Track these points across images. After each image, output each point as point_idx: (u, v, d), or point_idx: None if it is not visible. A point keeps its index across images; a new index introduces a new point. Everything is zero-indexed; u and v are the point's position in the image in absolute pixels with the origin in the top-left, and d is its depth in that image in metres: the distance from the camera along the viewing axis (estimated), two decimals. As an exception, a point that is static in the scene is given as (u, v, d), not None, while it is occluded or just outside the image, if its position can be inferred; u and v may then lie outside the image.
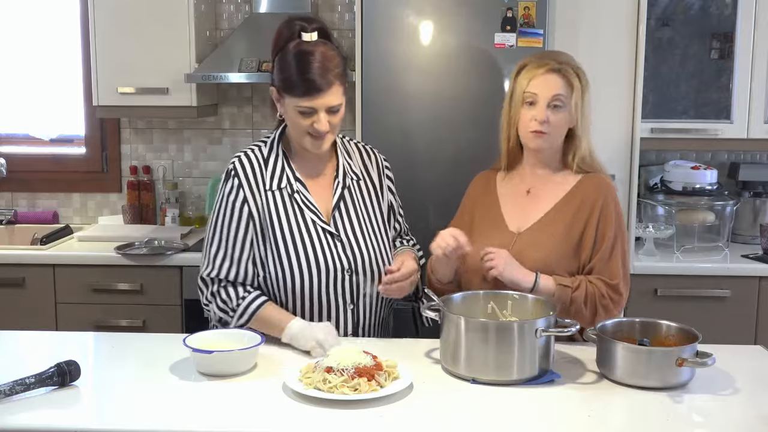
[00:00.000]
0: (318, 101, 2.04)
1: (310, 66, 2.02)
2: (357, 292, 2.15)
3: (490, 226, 2.24)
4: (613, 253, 2.12)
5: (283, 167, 2.16)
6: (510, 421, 1.68)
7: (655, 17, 3.42)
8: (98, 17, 3.42)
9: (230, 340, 1.94)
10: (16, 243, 3.66)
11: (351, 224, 2.17)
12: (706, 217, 3.38)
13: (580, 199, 2.15)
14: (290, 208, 2.13)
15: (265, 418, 1.68)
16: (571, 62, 2.18)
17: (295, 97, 2.05)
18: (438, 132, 3.08)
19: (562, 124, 2.14)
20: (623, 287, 2.13)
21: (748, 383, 1.86)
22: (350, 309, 2.15)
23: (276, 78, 2.09)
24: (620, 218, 2.17)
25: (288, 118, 2.12)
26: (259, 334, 1.97)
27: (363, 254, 2.15)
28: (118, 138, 3.87)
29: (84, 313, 3.28)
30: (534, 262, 2.11)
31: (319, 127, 2.06)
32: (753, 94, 3.35)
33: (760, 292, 3.18)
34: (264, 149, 2.19)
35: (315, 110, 2.05)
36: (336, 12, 3.74)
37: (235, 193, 2.13)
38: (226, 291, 2.12)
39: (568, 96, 2.13)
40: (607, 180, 2.21)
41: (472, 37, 3.02)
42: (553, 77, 2.13)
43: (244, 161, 2.16)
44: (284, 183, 2.15)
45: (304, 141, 2.12)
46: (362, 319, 2.18)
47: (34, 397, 1.73)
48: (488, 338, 1.82)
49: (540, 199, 2.20)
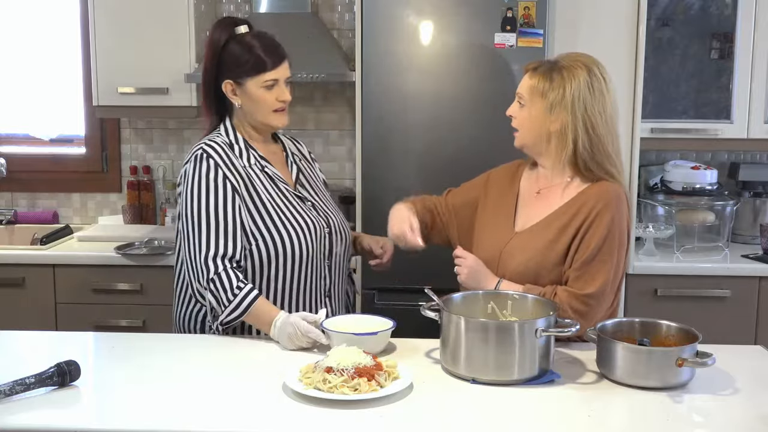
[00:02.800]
0: (281, 71, 2.23)
1: (268, 40, 2.25)
2: (331, 250, 2.31)
3: (499, 219, 2.24)
4: (594, 263, 2.05)
5: (248, 148, 2.27)
6: (510, 421, 1.68)
7: (655, 17, 3.42)
8: (98, 17, 3.42)
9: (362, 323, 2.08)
10: (16, 243, 3.66)
11: (314, 193, 2.37)
12: (706, 217, 3.38)
13: (578, 208, 2.11)
14: (266, 180, 2.25)
15: (265, 418, 1.68)
16: (561, 63, 2.13)
17: (262, 73, 2.20)
18: (438, 132, 3.08)
19: (524, 121, 2.15)
20: (596, 300, 2.05)
21: (748, 383, 1.86)
22: (327, 265, 2.30)
23: (233, 68, 2.21)
24: (614, 229, 2.06)
25: (251, 102, 2.24)
26: (390, 320, 2.07)
27: (333, 216, 2.35)
28: (118, 138, 3.87)
29: (84, 313, 3.28)
30: (516, 266, 2.12)
31: (285, 97, 2.25)
32: (753, 94, 3.35)
33: (760, 292, 3.18)
34: (223, 137, 2.27)
35: (277, 81, 2.22)
36: (336, 12, 3.74)
37: (214, 172, 2.17)
38: (220, 280, 2.10)
39: (532, 95, 2.12)
40: (612, 189, 2.11)
41: (472, 37, 3.02)
42: (526, 77, 2.16)
43: (212, 145, 2.23)
44: (253, 161, 2.26)
45: (270, 118, 2.26)
46: (334, 275, 2.34)
47: (34, 397, 1.73)
48: (488, 338, 1.82)
49: (545, 201, 2.18)
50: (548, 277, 2.09)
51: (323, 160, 3.80)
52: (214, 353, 2.05)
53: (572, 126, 2.09)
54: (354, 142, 3.42)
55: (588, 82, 2.10)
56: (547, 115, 2.11)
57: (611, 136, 2.13)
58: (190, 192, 2.17)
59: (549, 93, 2.10)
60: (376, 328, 2.04)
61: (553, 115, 2.10)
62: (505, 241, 2.18)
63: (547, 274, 2.10)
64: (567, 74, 2.10)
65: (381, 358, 1.84)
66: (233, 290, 2.09)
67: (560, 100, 2.09)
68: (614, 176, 2.14)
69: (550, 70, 2.12)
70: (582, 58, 2.15)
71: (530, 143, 2.18)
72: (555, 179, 2.19)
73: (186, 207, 2.18)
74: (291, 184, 2.32)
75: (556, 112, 2.10)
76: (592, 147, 2.10)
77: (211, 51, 2.25)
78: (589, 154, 2.11)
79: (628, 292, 3.18)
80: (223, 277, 2.10)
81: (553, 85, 2.10)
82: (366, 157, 3.11)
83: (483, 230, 2.28)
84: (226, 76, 2.23)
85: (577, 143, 2.10)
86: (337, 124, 3.80)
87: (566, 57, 2.17)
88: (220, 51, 2.23)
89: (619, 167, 2.16)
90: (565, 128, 2.10)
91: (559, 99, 2.09)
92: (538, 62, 2.18)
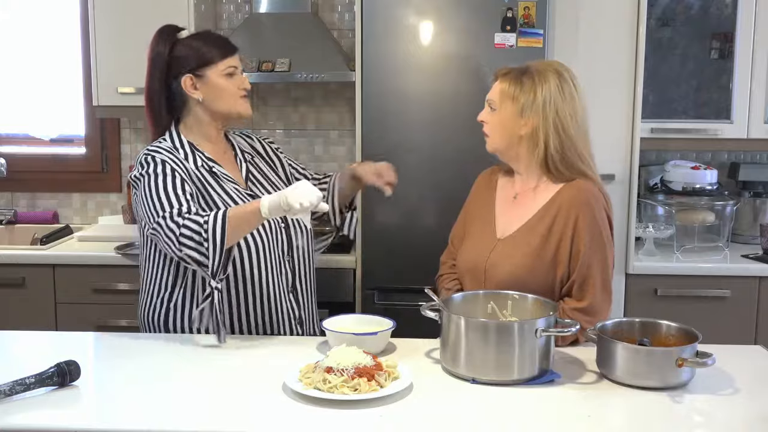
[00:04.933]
0: (236, 59, 2.26)
1: (214, 34, 2.33)
2: (291, 244, 2.29)
3: (480, 227, 2.26)
4: (589, 272, 2.08)
5: (193, 152, 2.24)
6: (510, 421, 1.68)
7: (655, 17, 3.42)
8: (98, 17, 3.42)
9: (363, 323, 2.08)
10: (16, 243, 3.66)
11: (266, 190, 2.31)
12: (706, 217, 3.38)
13: (557, 210, 2.11)
14: (213, 182, 2.22)
15: (265, 418, 1.68)
16: (531, 68, 2.14)
17: (220, 61, 2.22)
18: (438, 132, 3.08)
19: (495, 126, 2.16)
20: (598, 305, 2.08)
21: (748, 383, 1.86)
22: (287, 261, 2.29)
23: (188, 62, 2.22)
24: (598, 228, 2.09)
25: (214, 92, 2.22)
26: (389, 320, 2.07)
27: None
28: (118, 138, 3.87)
29: (84, 313, 3.28)
30: (505, 275, 2.12)
31: (246, 84, 2.26)
32: (753, 94, 3.35)
33: (760, 292, 3.18)
34: (167, 142, 2.25)
35: (237, 69, 2.24)
36: (336, 12, 3.74)
37: (161, 167, 2.14)
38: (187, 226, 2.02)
39: (502, 99, 2.13)
40: (586, 188, 2.12)
41: (472, 37, 3.03)
42: (497, 83, 2.18)
43: (157, 150, 2.20)
44: (200, 162, 2.23)
45: (237, 105, 2.25)
46: (297, 269, 2.32)
47: (34, 397, 1.73)
48: (488, 338, 1.82)
49: (523, 206, 2.19)
50: (535, 283, 2.09)
51: (323, 161, 3.82)
52: (214, 353, 2.05)
53: (543, 128, 2.11)
54: (354, 142, 3.42)
55: (558, 85, 2.11)
56: (518, 119, 2.13)
57: (582, 137, 2.16)
58: (142, 188, 2.12)
59: (520, 96, 2.12)
60: (376, 328, 2.04)
61: (524, 118, 2.12)
62: (490, 249, 2.18)
63: (534, 281, 2.09)
64: (538, 78, 2.12)
65: (381, 358, 1.84)
66: (202, 227, 2.01)
67: (531, 104, 2.11)
68: (587, 175, 2.16)
69: (520, 74, 2.14)
70: (553, 63, 2.19)
71: (502, 148, 2.19)
72: (530, 183, 2.20)
73: (140, 201, 2.12)
74: (241, 183, 2.28)
75: (527, 116, 2.12)
76: (563, 148, 2.12)
77: (156, 55, 2.25)
78: (559, 155, 2.12)
79: (628, 292, 3.18)
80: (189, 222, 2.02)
81: (524, 89, 2.12)
82: (366, 157, 3.10)
83: (467, 240, 2.28)
84: (184, 73, 2.21)
85: (548, 145, 2.12)
86: (337, 124, 3.80)
87: (537, 63, 2.20)
88: (168, 54, 2.23)
89: (593, 166, 2.19)
90: (536, 131, 2.12)
91: (530, 102, 2.11)
92: (509, 68, 2.19)
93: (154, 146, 2.23)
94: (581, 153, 2.15)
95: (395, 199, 2.45)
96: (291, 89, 3.78)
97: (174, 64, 2.23)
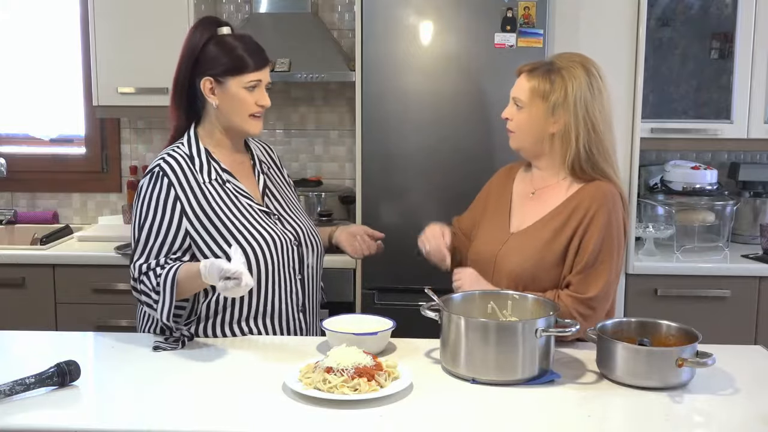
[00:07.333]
0: (264, 73, 2.16)
1: (252, 42, 2.17)
2: (302, 263, 2.24)
3: (494, 221, 2.25)
4: (595, 266, 2.06)
5: (209, 161, 2.18)
6: (510, 421, 1.68)
7: (655, 17, 3.42)
8: (98, 17, 3.42)
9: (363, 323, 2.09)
10: (16, 243, 3.66)
11: (281, 205, 2.28)
12: (706, 217, 3.38)
13: (574, 207, 2.11)
14: (225, 197, 2.16)
15: (265, 418, 1.68)
16: (558, 64, 2.13)
17: (245, 74, 2.12)
18: (438, 132, 3.08)
19: (523, 124, 2.14)
20: (599, 302, 2.07)
21: (748, 383, 1.86)
22: (298, 279, 2.23)
23: (214, 65, 2.12)
24: (611, 229, 2.07)
25: (230, 102, 2.14)
26: (389, 320, 2.07)
27: (302, 228, 2.27)
28: (118, 138, 3.87)
29: (84, 313, 3.28)
30: (513, 267, 2.12)
31: (265, 101, 2.16)
32: (753, 94, 3.35)
33: (760, 292, 3.18)
34: (184, 148, 2.18)
35: (260, 83, 2.15)
36: (336, 12, 3.74)
37: (165, 192, 2.10)
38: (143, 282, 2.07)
39: (532, 97, 2.11)
40: (606, 189, 2.11)
41: (472, 37, 3.03)
42: (522, 79, 2.15)
43: (170, 161, 2.14)
44: (214, 175, 2.17)
45: (246, 123, 2.17)
46: (307, 288, 2.27)
47: (34, 397, 1.73)
48: (488, 338, 1.82)
49: (541, 202, 2.18)
50: (546, 278, 2.09)
51: (323, 160, 3.82)
52: (214, 353, 2.05)
53: (574, 126, 2.09)
54: (354, 142, 3.42)
55: (587, 81, 2.10)
56: (549, 117, 2.11)
57: (609, 134, 2.15)
58: (139, 207, 2.12)
59: (551, 95, 2.10)
60: (376, 328, 2.04)
61: (555, 116, 2.11)
62: (501, 243, 2.18)
63: (544, 275, 2.09)
64: (567, 75, 2.10)
65: (381, 358, 1.84)
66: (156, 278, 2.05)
67: (562, 102, 2.09)
68: (609, 176, 2.14)
69: (548, 71, 2.12)
70: (576, 57, 2.16)
71: (529, 145, 2.18)
72: (550, 180, 2.19)
73: (134, 219, 2.13)
74: (257, 197, 2.22)
75: (557, 114, 2.10)
76: (591, 146, 2.11)
77: (189, 48, 2.15)
78: (587, 153, 2.11)
79: (628, 292, 3.18)
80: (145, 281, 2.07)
81: (555, 86, 2.10)
82: (366, 157, 3.11)
83: (479, 232, 2.28)
84: (207, 74, 2.12)
85: (579, 143, 2.10)
86: (337, 124, 3.80)
87: (560, 57, 2.17)
88: (200, 49, 2.13)
89: (615, 166, 2.17)
90: (567, 129, 2.10)
91: (562, 100, 2.09)
92: (533, 64, 2.17)
93: (172, 154, 2.16)
94: (607, 150, 2.13)
95: (395, 198, 2.45)
96: (291, 89, 3.78)
97: (199, 63, 2.14)
